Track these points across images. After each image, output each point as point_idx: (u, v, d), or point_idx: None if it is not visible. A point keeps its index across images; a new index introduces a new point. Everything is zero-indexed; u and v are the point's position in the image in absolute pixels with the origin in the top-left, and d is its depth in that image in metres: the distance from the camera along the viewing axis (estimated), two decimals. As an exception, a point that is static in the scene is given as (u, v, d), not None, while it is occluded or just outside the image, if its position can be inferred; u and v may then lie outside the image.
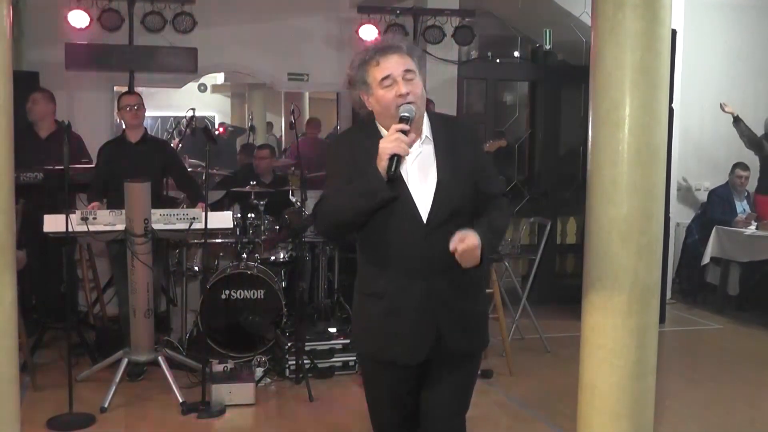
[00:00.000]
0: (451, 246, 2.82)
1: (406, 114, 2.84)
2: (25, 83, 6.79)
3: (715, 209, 8.95)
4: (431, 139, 3.00)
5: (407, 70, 2.91)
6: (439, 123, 3.06)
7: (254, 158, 7.89)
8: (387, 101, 2.90)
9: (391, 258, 2.96)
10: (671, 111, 5.10)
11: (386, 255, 2.97)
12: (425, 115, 3.02)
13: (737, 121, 9.01)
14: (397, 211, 2.90)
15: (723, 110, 9.01)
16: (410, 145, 2.83)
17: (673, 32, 5.23)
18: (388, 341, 3.01)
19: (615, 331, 4.20)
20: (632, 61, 4.10)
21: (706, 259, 8.86)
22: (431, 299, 2.95)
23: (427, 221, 2.92)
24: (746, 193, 9.14)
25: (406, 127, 2.79)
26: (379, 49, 2.95)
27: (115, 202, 5.83)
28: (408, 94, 2.88)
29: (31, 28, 7.90)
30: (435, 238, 2.90)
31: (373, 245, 3.00)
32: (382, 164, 2.77)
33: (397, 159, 2.76)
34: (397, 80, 2.89)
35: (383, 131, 2.96)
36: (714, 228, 8.76)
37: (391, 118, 2.90)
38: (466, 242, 2.82)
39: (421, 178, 2.95)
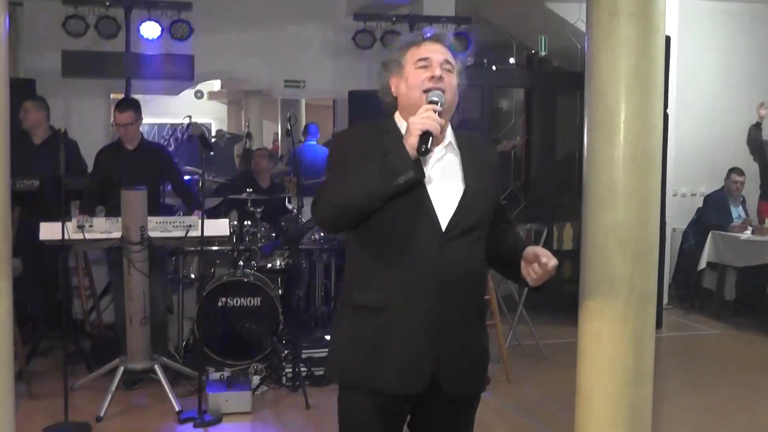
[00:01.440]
0: (544, 259, 2.60)
1: (435, 98, 2.56)
2: (22, 90, 6.79)
3: (710, 214, 8.95)
4: (455, 147, 2.70)
5: (447, 61, 2.65)
6: (463, 136, 2.76)
7: (254, 157, 7.94)
8: (416, 81, 2.62)
9: (398, 266, 2.57)
10: (666, 117, 5.12)
11: (392, 262, 2.58)
12: (449, 124, 2.71)
13: (758, 126, 8.97)
14: (412, 213, 2.56)
15: (759, 112, 8.93)
16: (441, 132, 2.55)
17: (667, 38, 5.25)
18: (379, 365, 2.58)
19: (612, 338, 4.20)
20: (627, 68, 4.11)
21: (702, 264, 8.86)
22: (436, 321, 2.58)
23: (446, 229, 2.58)
24: (742, 198, 9.15)
25: (438, 107, 2.51)
26: (428, 34, 2.73)
27: (113, 209, 5.82)
28: (441, 78, 2.61)
29: (28, 35, 7.91)
30: (451, 250, 2.58)
31: (377, 249, 2.60)
32: (411, 140, 2.44)
33: (428, 138, 2.46)
34: (433, 64, 2.62)
35: (402, 126, 2.63)
36: (710, 233, 8.76)
37: (415, 102, 2.61)
38: (554, 260, 2.62)
39: (444, 183, 2.62)
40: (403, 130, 2.58)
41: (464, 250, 2.62)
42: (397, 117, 2.73)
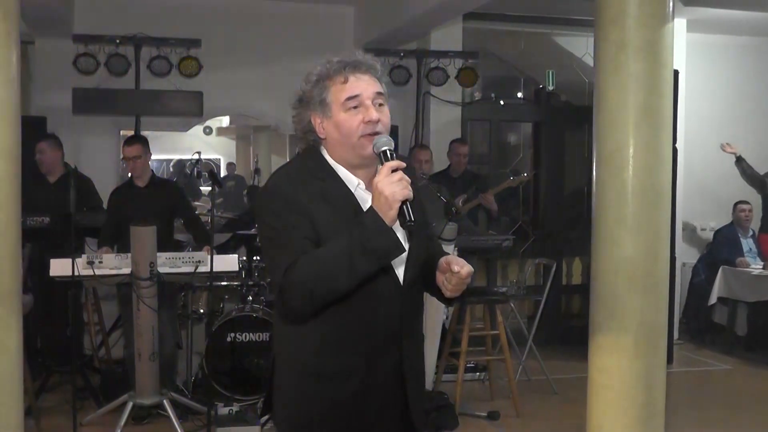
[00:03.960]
0: (456, 267, 2.40)
1: (386, 148, 2.34)
2: (33, 128, 6.83)
3: (721, 249, 8.92)
4: None
5: (379, 93, 2.43)
6: None
7: None
8: (350, 128, 2.38)
9: (364, 327, 2.43)
10: (675, 151, 5.13)
11: (358, 324, 2.42)
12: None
13: (739, 160, 8.98)
14: (373, 274, 2.37)
15: (724, 150, 8.97)
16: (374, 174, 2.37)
17: (675, 72, 5.27)
18: (354, 427, 2.48)
19: (622, 373, 4.19)
20: (635, 103, 4.13)
21: (713, 299, 8.81)
22: (403, 371, 2.51)
23: (403, 280, 2.48)
24: (752, 232, 9.11)
25: (402, 164, 2.29)
26: (350, 64, 2.44)
27: (126, 247, 5.83)
28: (378, 121, 2.39)
29: (39, 73, 7.98)
30: (407, 301, 2.50)
31: (337, 313, 2.39)
32: (391, 214, 2.23)
33: (407, 207, 2.25)
34: (365, 104, 2.39)
35: (339, 169, 2.46)
36: (720, 268, 8.73)
37: (351, 149, 2.41)
38: (467, 267, 2.43)
39: None
40: (337, 171, 2.46)
41: (416, 298, 2.57)
42: (326, 156, 2.48)
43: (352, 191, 2.45)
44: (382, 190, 2.23)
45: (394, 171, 2.26)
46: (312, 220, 2.34)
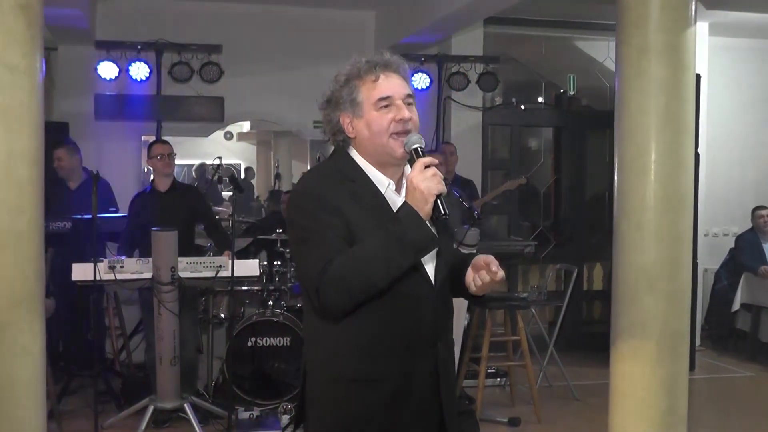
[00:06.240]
0: (495, 267, 2.40)
1: (418, 145, 2.37)
2: (55, 134, 6.88)
3: (743, 254, 8.84)
4: None
5: (409, 95, 2.48)
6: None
7: (282, 203, 7.95)
8: (381, 126, 2.41)
9: (400, 330, 2.41)
10: (697, 156, 5.09)
11: (393, 327, 2.40)
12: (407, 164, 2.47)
13: None
14: (405, 273, 2.35)
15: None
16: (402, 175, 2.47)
17: (697, 77, 5.24)
18: None
19: (644, 380, 4.16)
20: (657, 107, 4.11)
21: (736, 306, 8.75)
22: (437, 374, 2.48)
23: (435, 281, 2.47)
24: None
25: (435, 160, 2.32)
26: (380, 64, 2.48)
27: (147, 252, 5.86)
28: (409, 119, 2.43)
29: (61, 79, 8.04)
30: (439, 303, 2.49)
31: (370, 314, 2.38)
32: (427, 208, 2.25)
33: (441, 201, 2.28)
34: (397, 103, 2.43)
35: (369, 169, 2.48)
36: (743, 274, 8.66)
37: (382, 148, 2.43)
38: (502, 272, 2.43)
39: None
40: (367, 171, 2.47)
41: (447, 300, 2.56)
42: (356, 156, 2.50)
43: (383, 192, 2.47)
44: (417, 185, 2.27)
45: (427, 167, 2.29)
46: (345, 220, 2.36)
